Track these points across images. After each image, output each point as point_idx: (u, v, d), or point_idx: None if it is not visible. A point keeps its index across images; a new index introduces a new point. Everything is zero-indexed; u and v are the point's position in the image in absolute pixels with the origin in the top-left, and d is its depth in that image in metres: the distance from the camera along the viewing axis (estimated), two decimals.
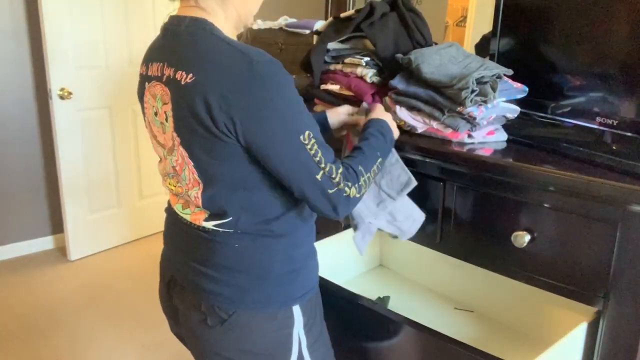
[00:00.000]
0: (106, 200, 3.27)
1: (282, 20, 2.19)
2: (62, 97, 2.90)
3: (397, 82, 1.36)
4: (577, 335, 1.10)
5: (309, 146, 0.95)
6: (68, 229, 3.11)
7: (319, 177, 0.96)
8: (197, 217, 1.06)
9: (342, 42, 1.53)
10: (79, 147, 3.06)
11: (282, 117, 0.92)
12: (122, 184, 3.34)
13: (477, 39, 1.62)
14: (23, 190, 3.18)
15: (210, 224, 1.04)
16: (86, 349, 2.34)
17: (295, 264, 1.09)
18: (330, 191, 0.98)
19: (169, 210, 1.16)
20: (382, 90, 1.43)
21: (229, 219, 1.02)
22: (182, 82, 0.94)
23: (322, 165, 0.97)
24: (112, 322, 2.53)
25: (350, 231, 1.59)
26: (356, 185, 1.01)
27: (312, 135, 0.96)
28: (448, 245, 1.30)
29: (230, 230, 1.03)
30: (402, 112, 1.34)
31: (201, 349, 1.10)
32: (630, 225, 1.00)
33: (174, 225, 1.14)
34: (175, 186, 1.08)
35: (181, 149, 1.00)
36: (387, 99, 1.40)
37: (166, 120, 1.01)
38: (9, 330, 2.47)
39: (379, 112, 1.20)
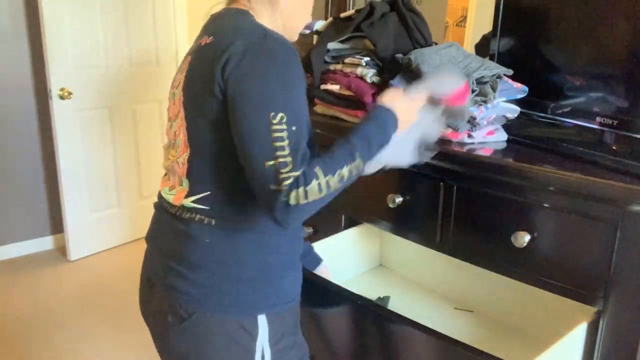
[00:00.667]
0: (106, 200, 3.27)
1: None
2: (62, 97, 2.90)
3: (397, 82, 1.36)
4: (577, 335, 1.10)
5: (274, 127, 0.88)
6: (68, 229, 3.11)
7: (267, 164, 0.88)
8: (179, 196, 1.03)
9: (342, 42, 1.53)
10: (79, 147, 3.06)
11: (265, 88, 0.90)
12: (122, 184, 3.34)
13: (477, 39, 1.62)
14: (23, 190, 3.18)
15: (188, 201, 1.00)
16: (86, 349, 2.34)
17: (269, 270, 1.02)
18: (271, 187, 0.87)
19: (158, 202, 1.13)
20: (382, 90, 1.43)
21: (208, 193, 0.98)
22: (202, 44, 0.99)
23: (278, 154, 0.87)
24: (112, 322, 2.53)
25: (350, 231, 1.59)
26: (302, 189, 0.87)
27: (285, 120, 0.89)
28: (448, 245, 1.30)
29: (205, 218, 0.99)
30: None
31: (161, 347, 1.07)
32: (630, 225, 1.00)
33: (157, 222, 1.13)
34: (173, 155, 1.06)
35: (182, 109, 1.01)
36: None
37: (178, 86, 1.04)
38: (9, 330, 2.47)
39: (391, 96, 1.06)
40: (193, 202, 1.00)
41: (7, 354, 2.31)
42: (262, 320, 1.01)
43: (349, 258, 1.63)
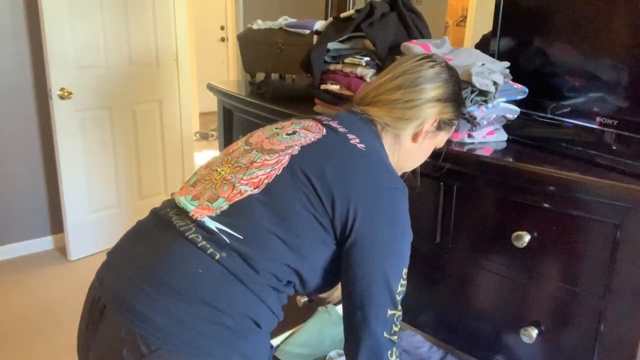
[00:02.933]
0: (106, 200, 3.27)
1: (282, 20, 2.19)
2: (62, 97, 2.90)
3: None
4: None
5: (401, 282, 0.95)
6: (68, 229, 3.11)
7: (389, 312, 0.93)
8: (202, 210, 0.93)
9: (342, 42, 1.53)
10: (79, 147, 3.06)
11: (402, 241, 0.96)
12: (122, 184, 3.34)
13: (477, 39, 1.62)
14: (23, 190, 3.18)
15: (212, 222, 0.91)
16: None
17: (249, 327, 0.91)
18: (385, 336, 0.94)
19: (157, 209, 1.03)
20: None
21: (238, 236, 0.90)
22: (351, 141, 0.99)
23: (399, 308, 0.95)
24: None
25: None
26: (396, 355, 0.97)
27: (406, 277, 0.96)
28: (448, 245, 1.30)
29: (211, 248, 0.89)
30: None
31: None
32: (630, 225, 1.00)
33: (138, 232, 1.01)
34: (226, 173, 0.97)
35: (286, 159, 0.95)
36: None
37: (290, 135, 1.01)
38: (9, 330, 2.47)
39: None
40: (218, 228, 0.91)
41: (7, 353, 2.31)
42: None
43: None
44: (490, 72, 1.23)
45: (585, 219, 1.06)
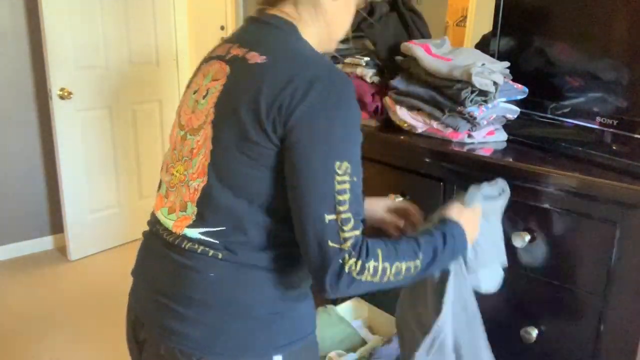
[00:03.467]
0: (106, 200, 3.27)
1: None
2: (62, 97, 2.90)
3: (397, 82, 1.36)
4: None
5: (339, 179, 0.81)
6: (68, 229, 3.11)
7: (327, 217, 0.80)
8: (180, 223, 0.91)
9: (342, 42, 1.53)
10: (79, 147, 3.06)
11: (331, 132, 0.82)
12: (122, 184, 3.34)
13: (477, 39, 1.62)
14: (23, 190, 3.18)
15: (194, 232, 0.89)
16: (86, 349, 2.34)
17: (282, 305, 0.92)
18: (330, 244, 0.80)
19: (149, 226, 1.02)
20: (382, 90, 1.43)
21: (222, 228, 0.88)
22: (251, 61, 0.87)
23: (340, 209, 0.80)
24: (112, 322, 2.53)
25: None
26: (360, 261, 0.81)
27: (350, 171, 0.82)
28: None
29: (210, 251, 0.88)
30: (402, 112, 1.34)
31: None
32: (630, 225, 1.00)
33: (146, 252, 1.02)
34: (181, 173, 0.93)
35: (209, 128, 0.88)
36: (387, 99, 1.40)
37: (204, 97, 0.91)
38: (9, 330, 2.47)
39: (457, 210, 0.99)
40: (201, 234, 0.89)
41: (7, 354, 2.31)
42: None
43: None
44: (490, 72, 1.23)
45: (585, 218, 1.06)
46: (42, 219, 3.29)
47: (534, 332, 1.15)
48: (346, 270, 0.80)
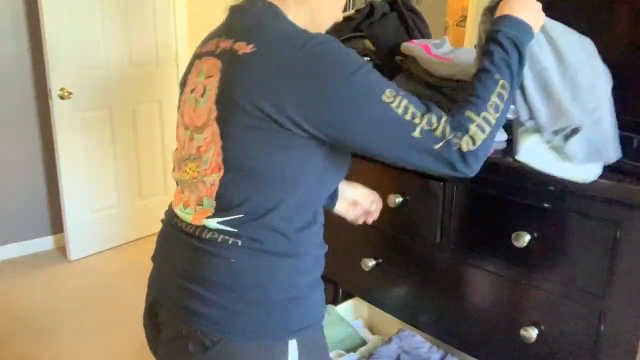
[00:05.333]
0: (106, 200, 3.27)
1: None
2: (62, 97, 2.90)
3: (397, 82, 1.36)
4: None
5: (394, 105, 0.82)
6: (68, 229, 3.11)
7: (416, 134, 0.83)
8: (199, 216, 0.94)
9: (342, 42, 1.53)
10: (79, 147, 3.06)
11: (350, 87, 0.82)
12: (122, 184, 3.34)
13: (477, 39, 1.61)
14: (23, 190, 3.18)
15: (213, 221, 0.92)
16: (86, 349, 2.34)
17: (297, 291, 0.95)
18: (436, 147, 0.83)
19: (167, 218, 1.05)
20: None
21: (240, 216, 0.90)
22: (240, 52, 0.87)
23: (416, 121, 0.83)
24: (112, 322, 2.53)
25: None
26: (467, 136, 0.84)
27: (394, 92, 0.84)
28: (448, 245, 1.30)
29: (230, 239, 0.91)
30: None
31: None
32: (630, 225, 1.00)
33: (166, 239, 1.04)
34: (193, 170, 0.95)
35: (215, 125, 0.89)
36: None
37: (203, 95, 0.92)
38: (9, 330, 2.47)
39: (506, 6, 0.95)
40: (220, 223, 0.92)
41: (7, 354, 2.31)
42: (292, 346, 0.93)
43: None
44: None
45: (585, 218, 1.06)
46: (42, 219, 3.29)
47: (534, 332, 1.15)
48: (465, 150, 0.84)
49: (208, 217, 0.93)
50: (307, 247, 0.96)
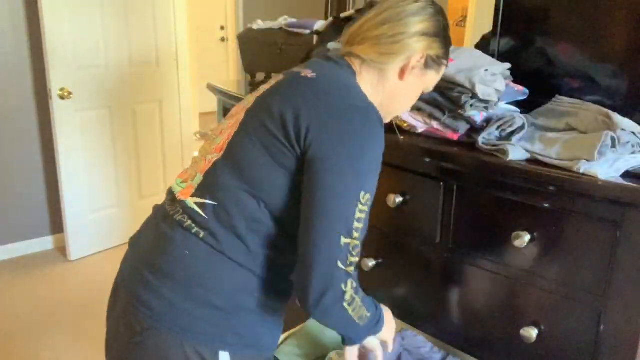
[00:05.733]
0: (106, 200, 3.27)
1: (282, 20, 2.19)
2: (62, 97, 2.90)
3: None
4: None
5: (361, 207, 0.86)
6: (68, 229, 3.11)
7: (343, 241, 0.85)
8: (186, 191, 0.96)
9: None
10: (79, 147, 3.06)
11: (363, 163, 0.88)
12: (122, 184, 3.34)
13: (477, 39, 1.62)
14: (23, 190, 3.18)
15: (191, 200, 0.93)
16: (86, 349, 2.34)
17: (243, 305, 0.93)
18: (339, 265, 0.85)
19: (155, 209, 1.08)
20: None
21: (213, 203, 0.91)
22: (302, 74, 0.96)
23: (355, 235, 0.86)
24: None
25: None
26: (354, 291, 0.88)
27: (369, 203, 0.88)
28: (448, 245, 1.30)
29: (195, 227, 0.92)
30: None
31: (115, 356, 1.01)
32: (630, 225, 1.00)
33: (145, 224, 1.07)
34: (205, 149, 1.01)
35: (242, 113, 0.97)
36: None
37: (258, 94, 1.01)
38: (9, 330, 2.47)
39: (389, 319, 1.11)
40: (195, 204, 0.93)
41: (7, 354, 2.31)
42: (224, 357, 0.91)
43: None
44: (493, 80, 1.23)
45: (585, 218, 1.06)
46: (42, 219, 3.29)
47: (534, 332, 1.15)
48: (344, 297, 0.87)
49: (191, 195, 0.95)
50: (266, 271, 0.94)
